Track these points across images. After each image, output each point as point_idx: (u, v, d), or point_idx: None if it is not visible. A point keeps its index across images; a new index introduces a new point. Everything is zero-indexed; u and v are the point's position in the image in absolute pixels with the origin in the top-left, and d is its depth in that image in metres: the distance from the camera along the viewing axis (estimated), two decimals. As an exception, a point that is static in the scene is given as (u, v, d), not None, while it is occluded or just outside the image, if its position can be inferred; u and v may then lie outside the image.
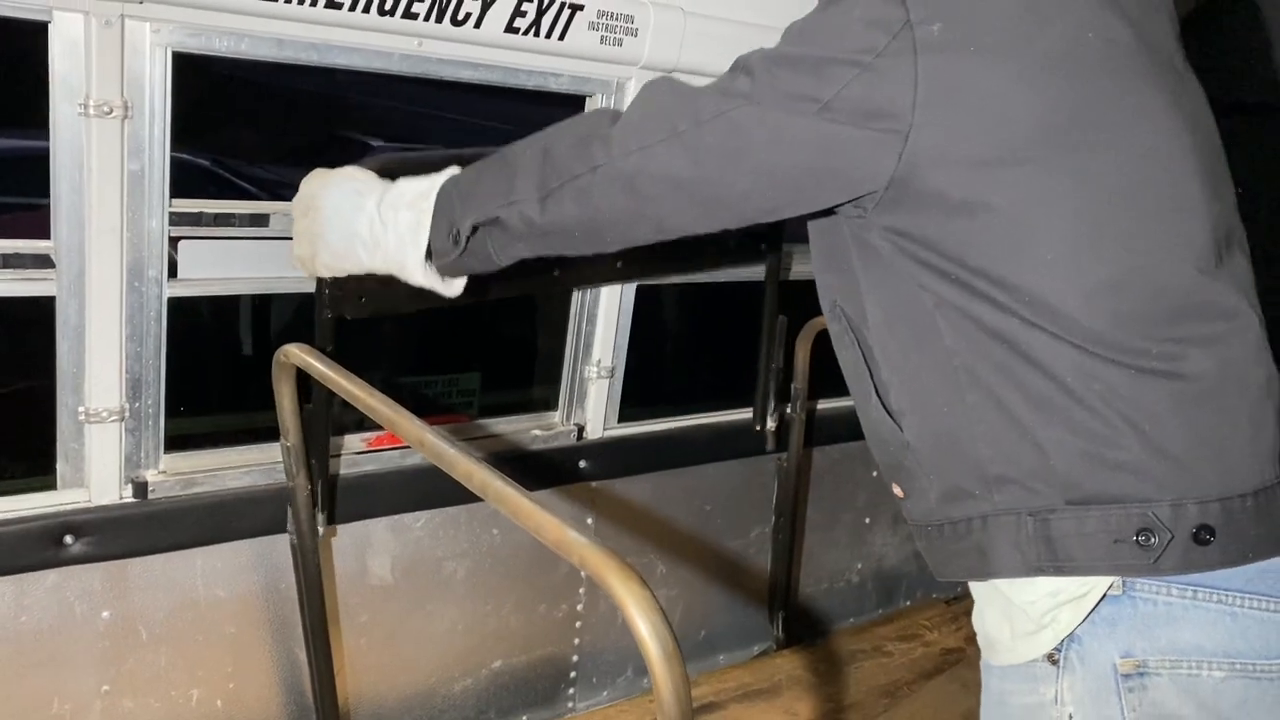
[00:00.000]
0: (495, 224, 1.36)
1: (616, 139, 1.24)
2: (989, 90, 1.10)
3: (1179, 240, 1.16)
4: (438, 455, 1.32)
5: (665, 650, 1.02)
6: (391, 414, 1.43)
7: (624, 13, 2.08)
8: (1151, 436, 1.13)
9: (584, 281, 2.32)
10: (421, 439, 1.36)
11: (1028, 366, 1.15)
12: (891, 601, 3.20)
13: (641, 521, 2.57)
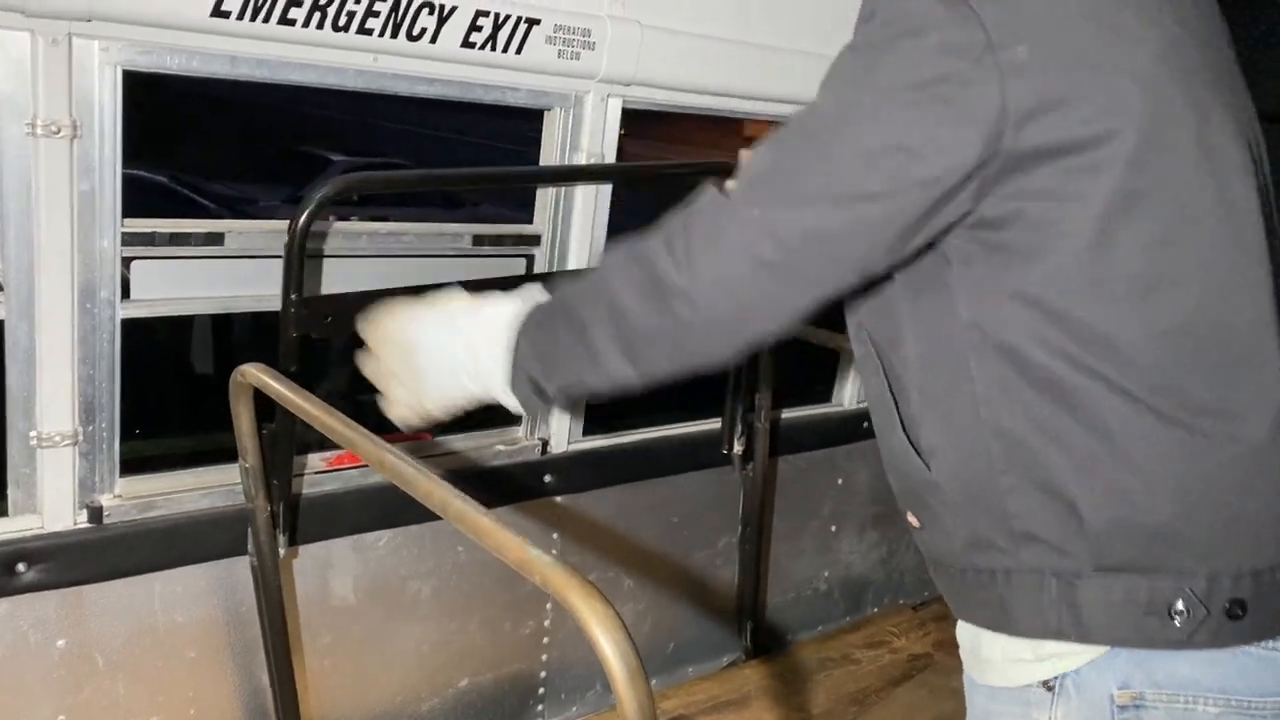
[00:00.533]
0: (584, 385, 1.22)
1: (696, 290, 1.08)
2: (1079, 116, 1.02)
3: (1245, 283, 1.09)
4: (397, 474, 1.31)
5: (629, 669, 1.01)
6: (350, 433, 1.42)
7: (581, 27, 2.09)
8: (1195, 503, 1.07)
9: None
10: (381, 459, 1.34)
11: (1072, 421, 1.08)
12: (859, 609, 3.21)
13: (608, 535, 2.56)
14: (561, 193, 2.29)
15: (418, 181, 2.43)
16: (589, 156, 2.24)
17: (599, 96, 2.21)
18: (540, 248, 2.29)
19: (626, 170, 2.45)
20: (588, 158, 2.24)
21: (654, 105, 2.34)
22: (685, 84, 2.33)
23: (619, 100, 2.25)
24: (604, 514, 2.54)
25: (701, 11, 2.27)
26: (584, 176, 2.28)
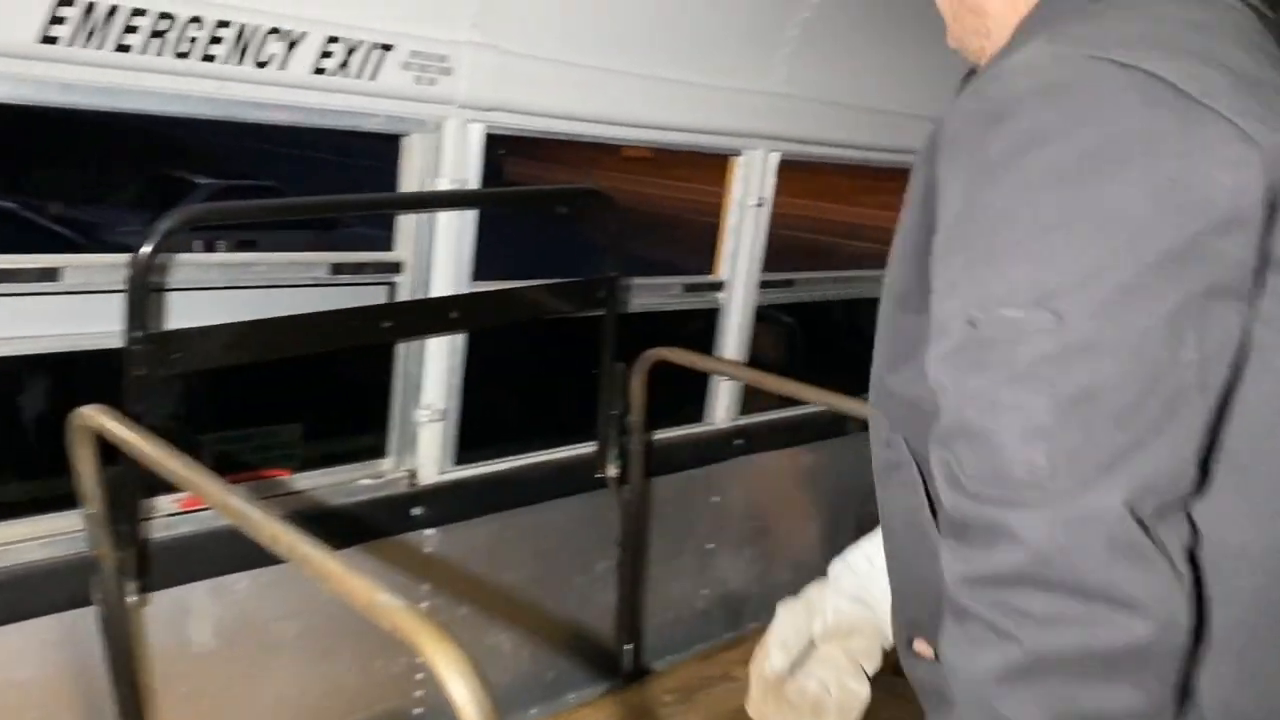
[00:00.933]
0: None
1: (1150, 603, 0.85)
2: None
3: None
4: (241, 518, 1.26)
5: (482, 714, 0.99)
6: (193, 476, 1.36)
7: (438, 53, 2.06)
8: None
9: (416, 332, 2.28)
10: (225, 502, 1.30)
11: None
12: (738, 624, 3.24)
13: (482, 565, 2.52)
14: (425, 219, 2.26)
15: (268, 211, 2.36)
16: (452, 183, 2.22)
17: (460, 122, 2.19)
18: (403, 275, 2.25)
19: (491, 196, 2.43)
20: (450, 184, 2.21)
21: (518, 131, 2.33)
22: (549, 110, 2.33)
23: (481, 126, 2.23)
24: (478, 544, 2.50)
25: (564, 38, 2.27)
26: (447, 203, 2.25)
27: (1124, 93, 0.86)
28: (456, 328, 2.28)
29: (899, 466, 1.09)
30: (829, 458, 3.40)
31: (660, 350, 2.54)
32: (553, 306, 2.48)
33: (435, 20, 2.05)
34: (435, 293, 2.27)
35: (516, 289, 2.41)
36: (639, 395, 2.61)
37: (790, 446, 3.28)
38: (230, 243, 7.25)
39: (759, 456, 3.18)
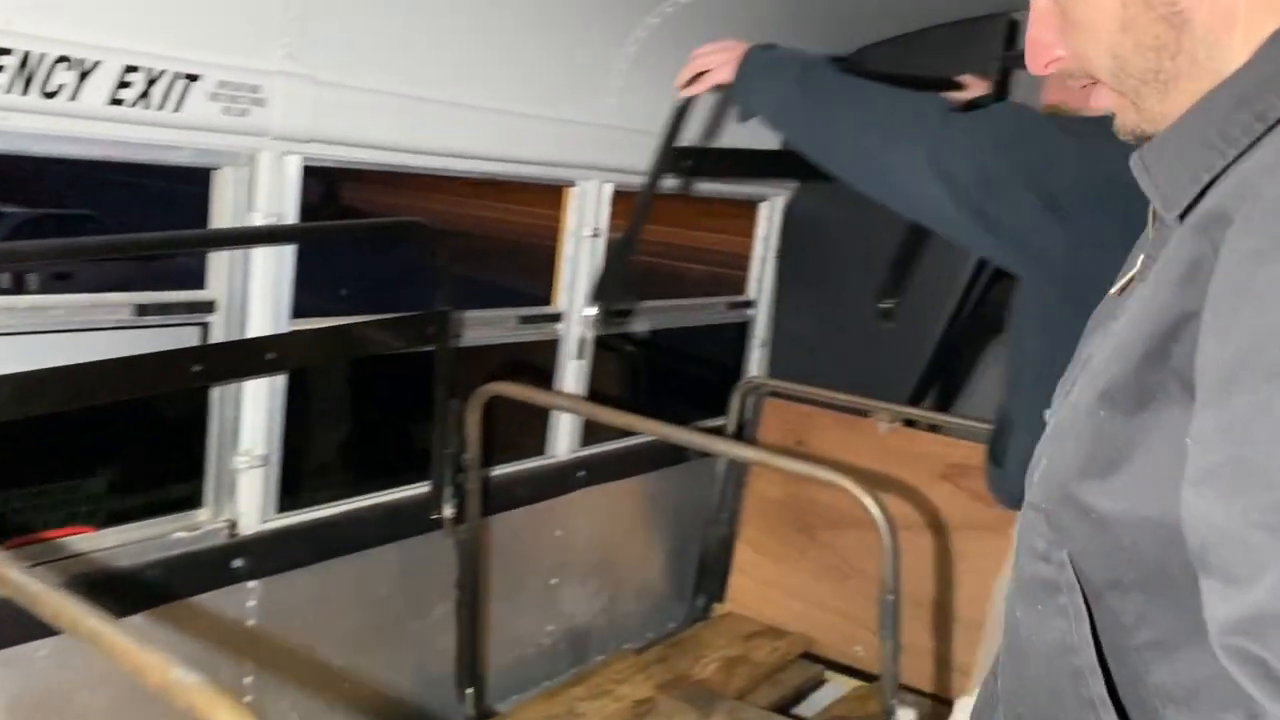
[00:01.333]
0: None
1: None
2: None
3: None
4: (19, 592, 1.15)
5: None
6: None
7: (248, 83, 1.97)
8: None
9: (230, 376, 2.16)
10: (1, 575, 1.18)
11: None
12: (583, 659, 3.20)
13: (312, 617, 2.40)
14: (239, 255, 2.15)
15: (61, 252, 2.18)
16: (267, 217, 2.12)
17: (274, 155, 2.10)
18: (216, 315, 2.13)
19: (309, 231, 2.33)
20: (265, 218, 2.12)
21: (338, 163, 2.26)
22: (371, 141, 2.26)
23: (298, 158, 2.15)
24: (306, 594, 2.38)
25: (385, 69, 2.21)
26: (263, 239, 2.15)
27: None
28: (274, 369, 2.18)
29: (1058, 590, 0.90)
30: (671, 485, 3.41)
31: (495, 385, 2.50)
32: (379, 343, 2.40)
33: (245, 49, 1.97)
34: (252, 332, 2.16)
35: (339, 326, 2.32)
36: (474, 432, 2.55)
37: (633, 476, 3.27)
38: (44, 278, 6.79)
39: (601, 487, 3.16)
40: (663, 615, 3.50)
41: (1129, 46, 0.88)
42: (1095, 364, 0.91)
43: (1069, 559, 0.90)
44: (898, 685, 1.98)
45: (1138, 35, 0.87)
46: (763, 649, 3.26)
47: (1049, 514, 0.92)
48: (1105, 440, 0.85)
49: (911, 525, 3.01)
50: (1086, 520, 0.87)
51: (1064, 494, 0.90)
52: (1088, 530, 0.87)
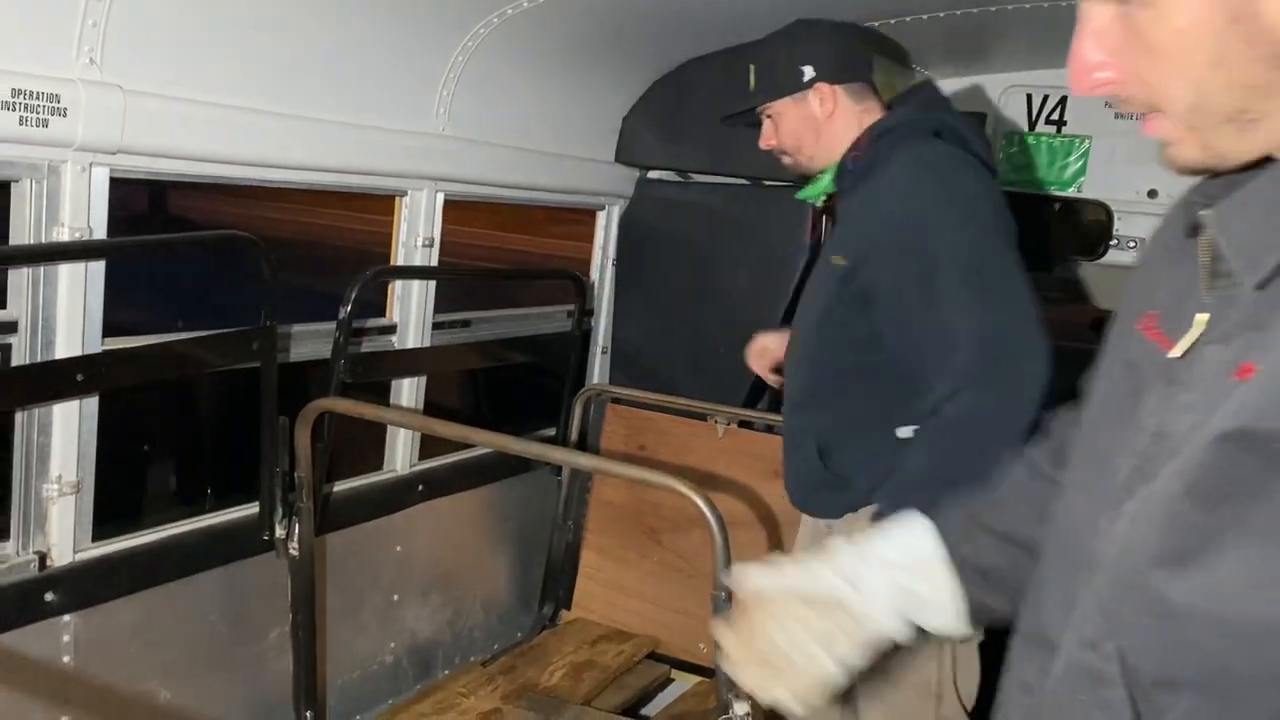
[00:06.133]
0: None
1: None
2: None
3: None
4: None
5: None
6: None
7: (47, 91, 1.88)
8: None
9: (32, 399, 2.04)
10: None
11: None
12: (429, 674, 3.17)
13: (135, 648, 2.29)
14: (42, 272, 2.04)
15: None
16: (73, 232, 2.02)
17: (79, 166, 2.00)
18: (17, 335, 2.01)
19: (122, 246, 2.23)
20: (71, 233, 2.02)
21: (150, 174, 2.17)
22: (185, 152, 2.18)
23: (105, 169, 2.05)
24: (128, 625, 2.27)
25: (198, 77, 2.14)
26: (69, 255, 2.04)
27: None
28: (84, 391, 2.07)
29: (1102, 683, 0.85)
30: (514, 495, 3.41)
31: (324, 401, 2.44)
32: (199, 361, 2.31)
33: (42, 56, 1.87)
34: (60, 353, 2.05)
35: (155, 344, 2.22)
36: (305, 449, 2.49)
37: (474, 488, 3.26)
38: None
39: (442, 500, 3.13)
40: (510, 626, 3.50)
41: (1218, 84, 0.78)
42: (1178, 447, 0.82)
43: (1117, 654, 0.84)
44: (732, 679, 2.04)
45: (1231, 73, 0.78)
46: (609, 652, 3.29)
47: (1103, 600, 0.86)
48: (1188, 531, 0.79)
49: (745, 522, 3.09)
50: (1153, 615, 0.81)
51: (1132, 580, 0.83)
52: (1149, 624, 0.82)
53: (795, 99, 2.29)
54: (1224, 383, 0.80)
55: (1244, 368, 0.78)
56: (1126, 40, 0.82)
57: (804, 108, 2.29)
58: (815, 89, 2.27)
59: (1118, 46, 0.82)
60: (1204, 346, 0.85)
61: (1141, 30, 0.80)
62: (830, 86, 2.27)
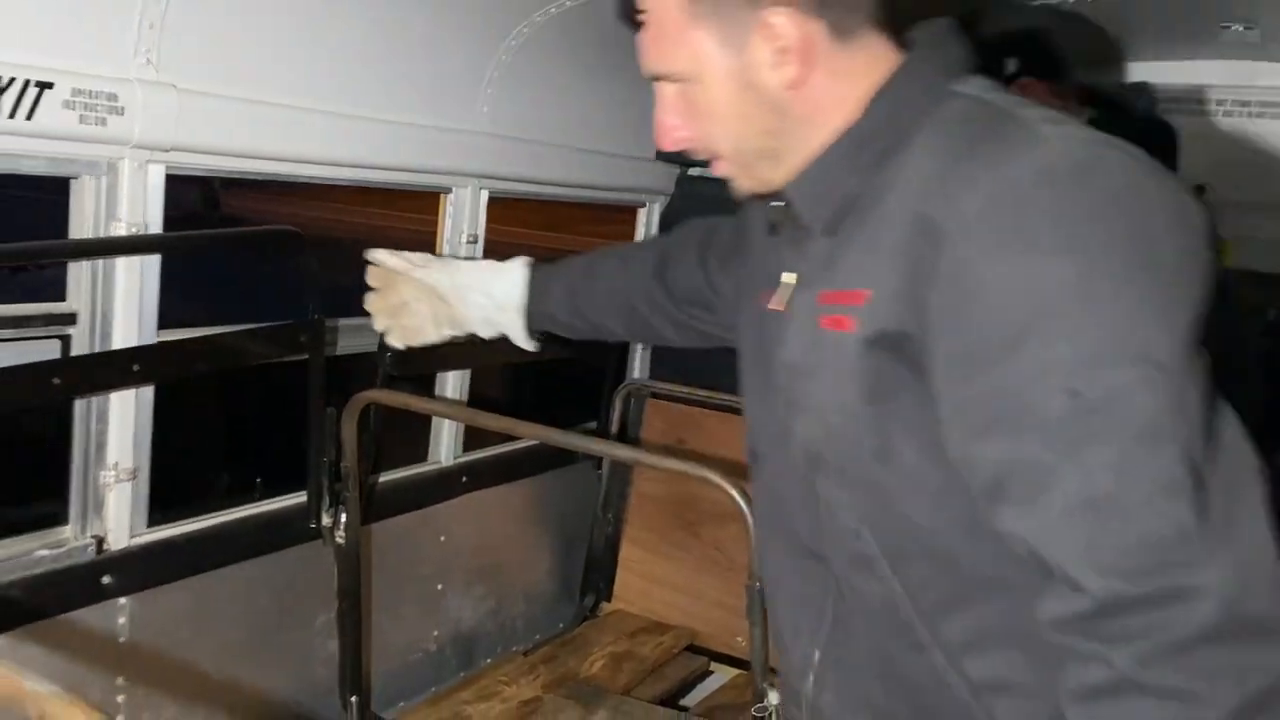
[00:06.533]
0: None
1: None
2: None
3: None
4: None
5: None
6: None
7: (106, 91, 1.94)
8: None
9: (92, 389, 2.12)
10: None
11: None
12: (472, 663, 3.22)
13: (188, 631, 2.36)
14: (101, 266, 2.11)
15: None
16: (129, 227, 2.09)
17: (136, 164, 2.07)
18: (77, 327, 2.09)
19: (176, 240, 2.30)
20: (128, 228, 2.08)
21: (204, 171, 2.23)
22: (236, 149, 2.24)
23: (161, 166, 2.12)
24: (181, 609, 2.34)
25: (249, 76, 2.20)
26: (126, 249, 2.11)
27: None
28: (140, 381, 2.14)
29: (871, 561, 1.09)
30: (556, 488, 3.45)
31: (370, 393, 2.50)
32: (250, 354, 2.37)
33: (102, 57, 1.93)
34: (117, 344, 2.12)
35: (207, 337, 2.29)
36: (351, 440, 2.55)
37: (516, 480, 3.30)
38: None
39: (485, 492, 3.18)
40: (551, 616, 3.54)
41: (747, 133, 1.12)
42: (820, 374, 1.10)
43: (870, 534, 1.09)
44: (768, 669, 2.05)
45: (753, 124, 1.11)
46: (648, 644, 3.32)
47: (850, 492, 1.11)
48: (874, 430, 1.06)
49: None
50: (876, 494, 1.08)
51: (861, 474, 1.09)
52: (877, 503, 1.08)
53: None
54: (810, 313, 1.11)
55: (825, 295, 1.10)
56: (688, 108, 1.13)
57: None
58: (1022, 82, 2.23)
59: (683, 113, 1.14)
60: (797, 295, 1.16)
61: (694, 101, 1.12)
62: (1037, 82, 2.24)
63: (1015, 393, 0.92)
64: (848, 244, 1.09)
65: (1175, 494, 0.87)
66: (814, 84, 1.09)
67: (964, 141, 1.01)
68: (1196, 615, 0.84)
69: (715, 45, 1.08)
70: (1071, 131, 1.00)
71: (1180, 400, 0.89)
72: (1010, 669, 1.05)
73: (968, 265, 0.94)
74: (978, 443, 0.96)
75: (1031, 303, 0.91)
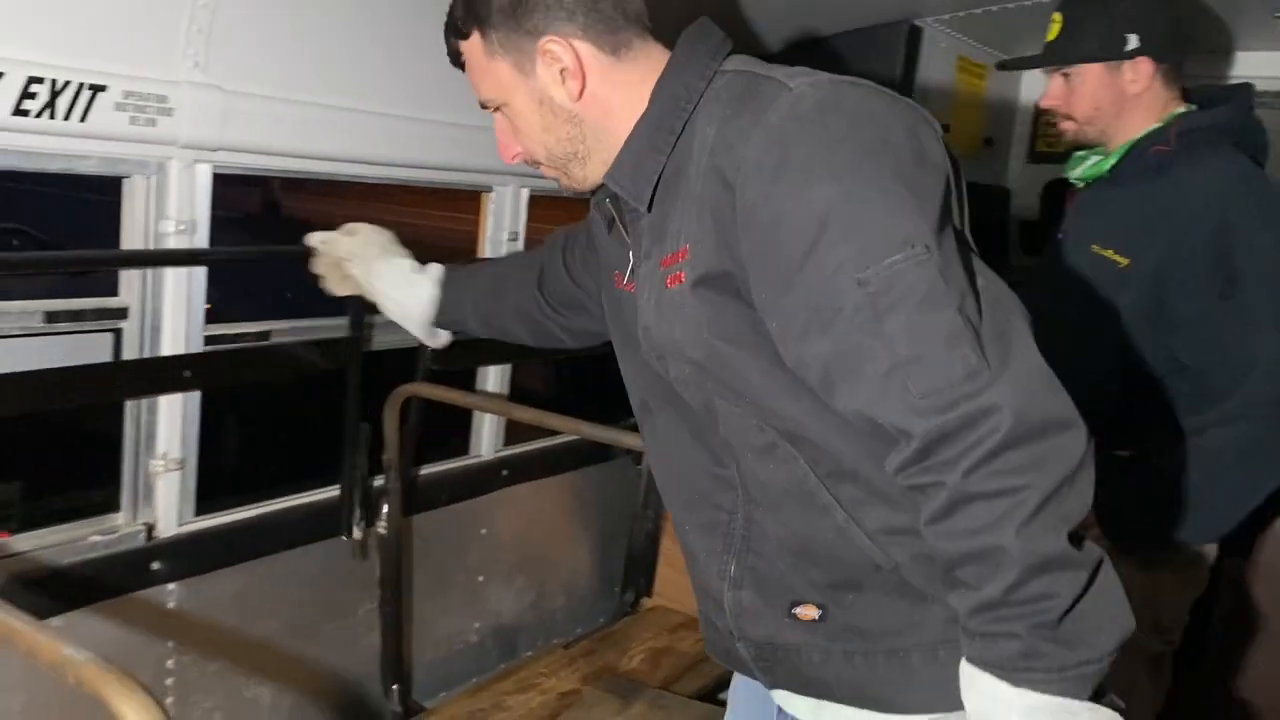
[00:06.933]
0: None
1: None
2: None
3: None
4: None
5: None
6: None
7: (155, 93, 2.01)
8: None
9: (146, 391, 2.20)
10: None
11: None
12: (513, 654, 3.26)
13: (233, 617, 2.44)
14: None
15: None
16: (178, 224, 2.16)
17: (184, 163, 2.14)
18: (129, 321, 2.17)
19: (221, 255, 2.37)
20: (176, 225, 2.15)
21: (250, 170, 2.30)
22: (280, 149, 2.31)
23: (208, 166, 2.19)
24: (227, 595, 2.42)
25: (293, 78, 2.26)
26: (174, 262, 2.19)
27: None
28: (190, 386, 2.23)
29: (774, 447, 1.28)
30: (597, 482, 3.48)
31: (410, 386, 2.55)
32: (293, 365, 2.46)
33: (151, 60, 2.00)
34: (165, 338, 2.19)
35: (254, 349, 2.37)
36: (392, 432, 2.60)
37: (558, 474, 3.34)
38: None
39: (526, 486, 3.22)
40: (592, 610, 3.58)
41: (552, 140, 1.36)
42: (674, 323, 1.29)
43: (771, 430, 1.28)
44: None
45: (555, 133, 1.35)
46: (688, 640, 3.34)
47: (744, 400, 1.29)
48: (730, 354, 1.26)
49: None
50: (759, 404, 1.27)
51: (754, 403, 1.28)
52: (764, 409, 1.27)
53: (1109, 66, 2.11)
54: (655, 279, 1.30)
55: (663, 261, 1.28)
56: (512, 129, 1.39)
57: (1114, 78, 2.11)
58: (1135, 61, 2.10)
59: (511, 133, 1.40)
60: (640, 269, 1.35)
61: (514, 121, 1.38)
62: (1151, 63, 2.10)
63: (817, 295, 1.12)
64: (668, 213, 1.29)
65: (958, 341, 1.07)
66: (598, 93, 1.32)
67: (732, 105, 1.22)
68: (997, 428, 1.04)
69: (511, 73, 1.33)
70: (817, 80, 1.19)
71: (945, 270, 1.09)
72: (891, 517, 1.25)
73: (756, 203, 1.15)
74: (801, 345, 1.16)
75: (812, 220, 1.11)
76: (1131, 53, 2.10)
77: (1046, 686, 1.06)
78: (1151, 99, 2.13)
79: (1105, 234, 2.12)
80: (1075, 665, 1.06)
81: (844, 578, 1.30)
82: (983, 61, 3.55)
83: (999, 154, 3.87)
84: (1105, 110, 2.15)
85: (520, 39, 1.31)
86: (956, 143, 3.49)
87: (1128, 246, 2.07)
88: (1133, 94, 2.12)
